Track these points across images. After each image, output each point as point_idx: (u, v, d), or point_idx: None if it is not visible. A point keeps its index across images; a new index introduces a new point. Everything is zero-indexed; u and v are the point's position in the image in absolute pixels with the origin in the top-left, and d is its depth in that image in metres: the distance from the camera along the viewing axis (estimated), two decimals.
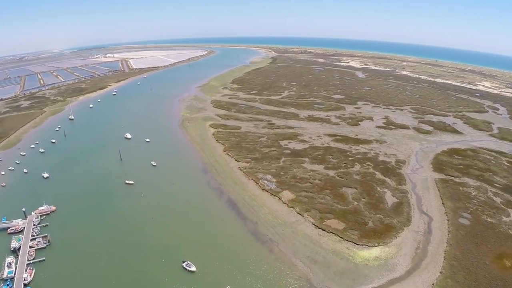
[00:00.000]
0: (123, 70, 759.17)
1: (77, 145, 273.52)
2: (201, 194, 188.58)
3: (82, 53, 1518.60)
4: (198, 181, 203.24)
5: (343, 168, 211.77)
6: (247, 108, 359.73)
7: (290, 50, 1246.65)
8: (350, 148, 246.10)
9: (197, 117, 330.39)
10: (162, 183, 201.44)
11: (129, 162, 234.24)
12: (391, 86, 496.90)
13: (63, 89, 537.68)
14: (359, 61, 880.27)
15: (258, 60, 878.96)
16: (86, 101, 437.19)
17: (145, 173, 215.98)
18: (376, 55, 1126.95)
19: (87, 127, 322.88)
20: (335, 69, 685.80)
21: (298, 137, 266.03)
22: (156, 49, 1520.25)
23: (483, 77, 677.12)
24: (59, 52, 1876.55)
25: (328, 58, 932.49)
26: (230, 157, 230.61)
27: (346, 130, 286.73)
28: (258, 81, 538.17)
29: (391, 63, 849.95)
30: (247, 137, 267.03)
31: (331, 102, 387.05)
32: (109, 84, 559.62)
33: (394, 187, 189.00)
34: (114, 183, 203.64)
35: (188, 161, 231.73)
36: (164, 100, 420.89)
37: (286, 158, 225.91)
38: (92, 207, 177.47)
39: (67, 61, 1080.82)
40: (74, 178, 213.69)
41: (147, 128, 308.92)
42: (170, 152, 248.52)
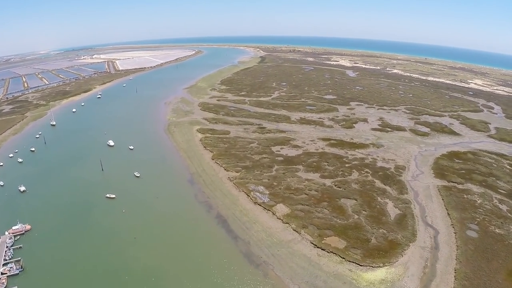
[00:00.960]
0: (109, 71, 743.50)
1: (57, 153, 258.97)
2: (188, 209, 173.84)
3: (69, 54, 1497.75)
4: (185, 193, 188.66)
5: (340, 176, 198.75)
6: (236, 111, 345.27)
7: (279, 49, 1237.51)
8: (346, 153, 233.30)
9: (183, 121, 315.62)
10: (146, 196, 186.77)
11: (111, 172, 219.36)
12: (383, 85, 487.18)
13: (47, 92, 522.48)
14: (349, 59, 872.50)
15: (246, 60, 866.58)
16: (69, 105, 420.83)
17: (127, 185, 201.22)
18: (365, 53, 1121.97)
19: (68, 134, 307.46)
20: (325, 68, 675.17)
21: (290, 142, 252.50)
22: (143, 49, 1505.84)
23: (474, 75, 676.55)
24: (46, 53, 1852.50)
25: (317, 57, 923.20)
26: (219, 165, 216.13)
27: (340, 134, 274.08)
28: (247, 81, 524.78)
29: (381, 61, 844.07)
30: (237, 143, 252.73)
31: (323, 103, 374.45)
32: (94, 86, 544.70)
33: (395, 197, 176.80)
34: (95, 197, 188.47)
35: (174, 171, 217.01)
36: (149, 103, 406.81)
37: (278, 166, 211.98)
38: (70, 226, 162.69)
39: (53, 63, 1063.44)
40: (53, 191, 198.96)
41: (131, 134, 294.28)
42: (154, 161, 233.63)
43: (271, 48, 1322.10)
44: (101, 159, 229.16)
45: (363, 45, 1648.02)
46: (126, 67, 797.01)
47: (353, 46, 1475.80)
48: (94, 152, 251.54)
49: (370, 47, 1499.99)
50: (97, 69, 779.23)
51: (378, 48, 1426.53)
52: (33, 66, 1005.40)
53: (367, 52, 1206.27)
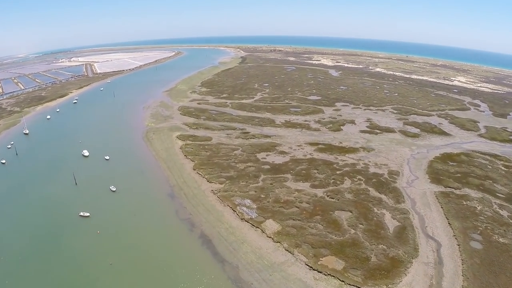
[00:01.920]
0: (87, 75, 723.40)
1: (28, 166, 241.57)
2: (169, 228, 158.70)
3: (47, 58, 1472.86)
4: (165, 210, 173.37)
5: (332, 185, 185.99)
6: (217, 115, 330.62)
7: (260, 49, 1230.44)
8: (336, 159, 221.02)
9: (163, 127, 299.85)
10: (123, 214, 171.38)
11: (85, 187, 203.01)
12: (368, 85, 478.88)
13: (22, 98, 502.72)
14: (331, 58, 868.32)
15: (227, 60, 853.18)
16: (44, 111, 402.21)
17: (103, 201, 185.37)
18: (347, 52, 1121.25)
19: (42, 143, 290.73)
20: (308, 67, 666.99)
21: (276, 148, 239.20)
22: (122, 51, 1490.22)
23: (456, 72, 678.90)
24: (24, 57, 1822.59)
25: (298, 56, 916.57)
26: (201, 176, 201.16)
27: (328, 137, 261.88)
28: (228, 83, 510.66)
29: (362, 60, 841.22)
30: (219, 150, 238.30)
31: (307, 104, 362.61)
32: (70, 91, 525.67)
33: (392, 207, 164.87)
34: (67, 216, 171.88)
35: (153, 184, 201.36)
36: (127, 108, 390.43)
37: (265, 175, 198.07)
38: (38, 252, 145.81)
39: (31, 67, 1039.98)
40: (21, 211, 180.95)
41: (107, 142, 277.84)
42: (132, 173, 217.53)
43: (252, 48, 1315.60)
44: (74, 172, 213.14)
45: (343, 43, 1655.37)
46: (104, 70, 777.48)
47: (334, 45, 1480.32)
48: (68, 164, 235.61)
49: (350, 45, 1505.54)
50: (75, 73, 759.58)
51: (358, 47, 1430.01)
52: (9, 70, 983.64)
53: (348, 50, 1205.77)
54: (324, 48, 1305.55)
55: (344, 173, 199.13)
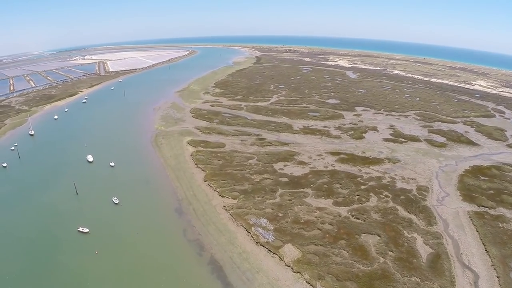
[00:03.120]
0: (99, 73, 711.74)
1: (30, 171, 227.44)
2: (175, 250, 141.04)
3: (61, 55, 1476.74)
4: (171, 228, 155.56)
5: (357, 202, 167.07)
6: (231, 118, 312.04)
7: (274, 49, 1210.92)
8: (359, 171, 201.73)
9: (173, 131, 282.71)
10: (124, 231, 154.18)
11: (86, 197, 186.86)
12: (387, 88, 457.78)
13: (31, 96, 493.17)
14: (347, 59, 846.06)
15: (241, 60, 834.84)
16: (52, 111, 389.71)
17: (104, 215, 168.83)
18: (363, 53, 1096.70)
19: (46, 146, 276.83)
20: (324, 69, 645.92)
21: (295, 158, 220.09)
22: (136, 49, 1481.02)
23: (476, 76, 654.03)
24: (39, 54, 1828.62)
25: (314, 57, 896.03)
26: (213, 189, 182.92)
27: (350, 146, 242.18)
28: (242, 84, 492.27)
29: (380, 62, 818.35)
30: (233, 158, 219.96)
31: (326, 108, 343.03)
32: (80, 90, 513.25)
33: (424, 230, 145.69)
34: (65, 230, 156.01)
35: (159, 196, 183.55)
36: (137, 109, 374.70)
37: (283, 189, 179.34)
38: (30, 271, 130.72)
39: (44, 64, 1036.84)
40: (18, 222, 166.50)
41: (113, 146, 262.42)
42: (137, 183, 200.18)
43: (266, 48, 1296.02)
44: (77, 179, 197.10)
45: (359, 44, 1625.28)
46: (116, 68, 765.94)
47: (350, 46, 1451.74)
48: (71, 170, 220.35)
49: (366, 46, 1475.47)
50: (87, 71, 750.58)
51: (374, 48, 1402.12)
52: (23, 67, 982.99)
53: (365, 52, 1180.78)
54: (340, 49, 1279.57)
55: (370, 189, 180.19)
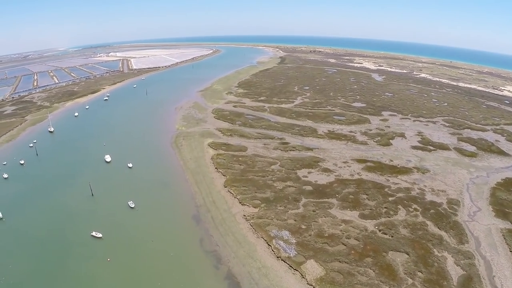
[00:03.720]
0: (122, 70, 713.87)
1: (46, 169, 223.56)
2: (190, 261, 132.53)
3: (86, 52, 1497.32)
4: (188, 237, 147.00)
5: (384, 215, 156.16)
6: (254, 120, 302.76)
7: (299, 50, 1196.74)
8: (387, 181, 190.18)
9: (194, 132, 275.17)
10: (139, 238, 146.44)
11: (102, 199, 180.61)
12: (414, 92, 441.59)
13: (54, 92, 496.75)
14: (372, 61, 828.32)
15: (265, 60, 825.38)
16: (73, 107, 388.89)
17: (119, 219, 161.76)
18: (388, 55, 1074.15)
19: (65, 143, 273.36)
20: (349, 70, 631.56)
21: (319, 164, 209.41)
22: (160, 47, 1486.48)
23: (504, 81, 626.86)
24: (64, 50, 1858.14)
25: (339, 58, 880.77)
26: (233, 196, 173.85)
27: (377, 153, 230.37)
28: (266, 84, 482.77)
29: (405, 64, 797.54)
30: (255, 163, 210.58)
31: (352, 112, 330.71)
32: (103, 87, 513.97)
33: (455, 248, 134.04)
34: (78, 234, 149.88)
35: (177, 202, 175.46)
36: (159, 108, 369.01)
37: (307, 199, 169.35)
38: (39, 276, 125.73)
39: (69, 60, 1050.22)
40: (31, 223, 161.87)
41: (132, 147, 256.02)
42: (154, 186, 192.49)
43: (291, 48, 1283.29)
44: (93, 180, 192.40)
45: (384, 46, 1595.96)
46: (140, 66, 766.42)
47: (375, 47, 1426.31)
48: (88, 170, 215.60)
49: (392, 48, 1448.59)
50: (111, 68, 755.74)
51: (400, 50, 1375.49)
52: (48, 63, 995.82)
53: (390, 54, 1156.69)
54: (365, 50, 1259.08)
55: (398, 201, 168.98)
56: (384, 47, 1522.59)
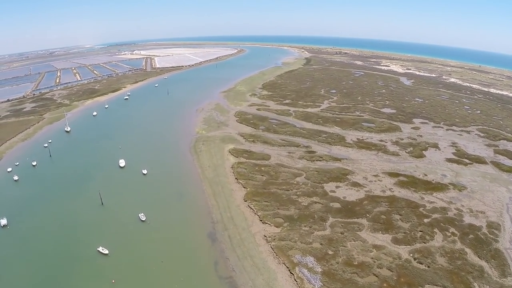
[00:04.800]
0: (145, 69, 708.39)
1: (58, 172, 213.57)
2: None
3: (111, 49, 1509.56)
4: (201, 259, 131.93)
5: (420, 240, 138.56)
6: (279, 126, 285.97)
7: (324, 51, 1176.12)
8: (421, 198, 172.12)
9: (215, 137, 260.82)
10: (148, 257, 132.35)
11: (111, 209, 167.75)
12: (444, 97, 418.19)
13: (75, 90, 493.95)
14: (400, 64, 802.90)
15: (291, 61, 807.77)
16: (92, 106, 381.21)
17: (128, 233, 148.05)
18: (416, 58, 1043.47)
19: (80, 145, 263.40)
20: (377, 73, 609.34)
21: (348, 177, 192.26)
22: (185, 46, 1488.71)
23: None
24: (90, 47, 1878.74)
25: (366, 60, 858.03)
26: (253, 212, 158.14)
27: (410, 166, 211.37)
28: (291, 86, 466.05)
29: (434, 68, 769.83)
30: (279, 174, 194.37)
31: (382, 118, 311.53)
32: (124, 85, 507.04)
33: (497, 282, 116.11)
34: (84, 248, 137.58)
35: (192, 216, 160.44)
36: (179, 109, 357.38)
37: (334, 218, 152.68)
38: None
39: (93, 58, 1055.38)
40: (36, 231, 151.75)
41: (149, 151, 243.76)
42: (168, 197, 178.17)
43: (316, 49, 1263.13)
44: (105, 186, 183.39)
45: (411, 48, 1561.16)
46: (163, 64, 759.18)
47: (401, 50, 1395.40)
48: (100, 175, 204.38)
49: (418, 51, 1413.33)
50: (134, 66, 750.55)
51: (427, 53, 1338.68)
52: (72, 60, 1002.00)
53: (417, 57, 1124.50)
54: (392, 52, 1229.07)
55: (434, 223, 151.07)
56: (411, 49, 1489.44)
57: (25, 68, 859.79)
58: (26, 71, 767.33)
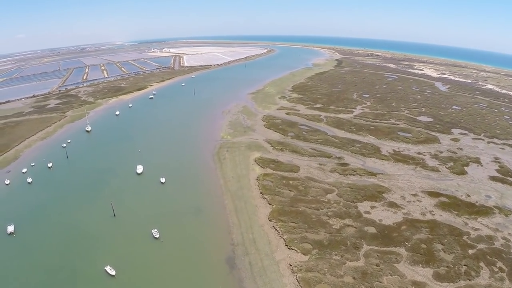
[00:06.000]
0: (173, 67, 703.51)
1: (73, 176, 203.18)
2: None
3: (140, 47, 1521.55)
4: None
5: (464, 277, 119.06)
6: (309, 133, 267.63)
7: (356, 52, 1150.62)
8: (465, 225, 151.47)
9: (240, 143, 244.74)
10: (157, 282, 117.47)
11: (123, 223, 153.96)
12: (483, 106, 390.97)
13: (100, 87, 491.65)
14: (433, 68, 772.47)
15: (321, 63, 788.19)
16: (115, 105, 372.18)
17: (138, 252, 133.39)
18: (449, 62, 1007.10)
19: (98, 147, 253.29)
20: (410, 78, 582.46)
21: (384, 196, 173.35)
22: (215, 45, 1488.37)
23: None
24: (121, 44, 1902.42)
25: (398, 63, 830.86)
26: (278, 234, 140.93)
27: (451, 184, 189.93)
28: (322, 89, 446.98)
29: (469, 73, 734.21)
30: (308, 190, 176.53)
31: (418, 128, 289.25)
32: (150, 84, 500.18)
33: None
34: (90, 265, 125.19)
35: (209, 236, 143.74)
36: (205, 110, 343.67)
37: (369, 245, 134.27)
38: None
39: (122, 54, 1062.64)
40: (42, 242, 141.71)
41: (169, 156, 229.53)
42: (186, 211, 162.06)
43: (347, 50, 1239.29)
44: (120, 195, 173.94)
45: (443, 52, 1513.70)
46: (191, 63, 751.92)
47: (433, 53, 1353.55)
48: (116, 181, 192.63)
49: (451, 55, 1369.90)
50: (162, 64, 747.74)
51: (460, 57, 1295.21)
52: (102, 56, 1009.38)
53: (451, 60, 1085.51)
54: (424, 55, 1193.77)
55: (479, 255, 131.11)
56: (442, 52, 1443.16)
57: (55, 63, 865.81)
58: (56, 67, 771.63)
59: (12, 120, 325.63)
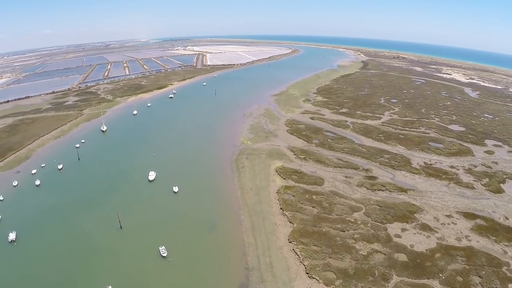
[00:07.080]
0: (195, 66, 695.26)
1: (82, 180, 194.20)
2: None
3: (164, 44, 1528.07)
4: None
5: None
6: (335, 140, 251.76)
7: (381, 54, 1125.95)
8: (504, 253, 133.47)
9: (261, 150, 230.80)
10: None
11: (130, 236, 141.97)
12: None
13: (121, 84, 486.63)
14: (462, 73, 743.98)
15: (347, 64, 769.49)
16: (134, 104, 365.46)
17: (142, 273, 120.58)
18: (477, 66, 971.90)
19: (112, 148, 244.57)
20: (439, 82, 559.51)
21: (416, 216, 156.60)
22: (239, 44, 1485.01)
23: None
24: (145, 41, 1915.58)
25: (425, 67, 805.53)
26: (298, 259, 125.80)
27: (487, 204, 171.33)
28: (348, 93, 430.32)
29: (498, 78, 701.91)
30: (333, 206, 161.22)
31: (450, 138, 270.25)
32: (171, 82, 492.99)
33: None
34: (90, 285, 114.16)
35: (222, 257, 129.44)
36: (225, 112, 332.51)
37: (400, 277, 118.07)
38: None
39: (146, 52, 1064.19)
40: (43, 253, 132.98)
41: (184, 161, 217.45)
42: (198, 227, 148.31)
43: (373, 52, 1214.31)
44: (128, 204, 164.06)
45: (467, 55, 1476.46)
46: (214, 62, 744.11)
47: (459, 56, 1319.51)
48: (126, 188, 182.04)
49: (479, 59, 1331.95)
50: (184, 62, 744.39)
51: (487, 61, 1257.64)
52: (125, 53, 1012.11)
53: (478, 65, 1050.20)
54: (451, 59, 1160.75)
55: None
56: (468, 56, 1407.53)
57: (79, 59, 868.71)
58: (79, 63, 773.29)
59: (29, 116, 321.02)
